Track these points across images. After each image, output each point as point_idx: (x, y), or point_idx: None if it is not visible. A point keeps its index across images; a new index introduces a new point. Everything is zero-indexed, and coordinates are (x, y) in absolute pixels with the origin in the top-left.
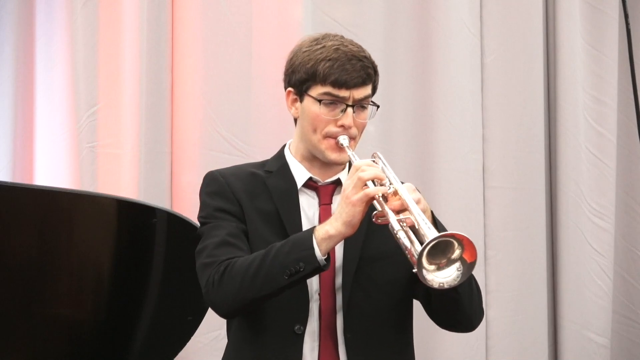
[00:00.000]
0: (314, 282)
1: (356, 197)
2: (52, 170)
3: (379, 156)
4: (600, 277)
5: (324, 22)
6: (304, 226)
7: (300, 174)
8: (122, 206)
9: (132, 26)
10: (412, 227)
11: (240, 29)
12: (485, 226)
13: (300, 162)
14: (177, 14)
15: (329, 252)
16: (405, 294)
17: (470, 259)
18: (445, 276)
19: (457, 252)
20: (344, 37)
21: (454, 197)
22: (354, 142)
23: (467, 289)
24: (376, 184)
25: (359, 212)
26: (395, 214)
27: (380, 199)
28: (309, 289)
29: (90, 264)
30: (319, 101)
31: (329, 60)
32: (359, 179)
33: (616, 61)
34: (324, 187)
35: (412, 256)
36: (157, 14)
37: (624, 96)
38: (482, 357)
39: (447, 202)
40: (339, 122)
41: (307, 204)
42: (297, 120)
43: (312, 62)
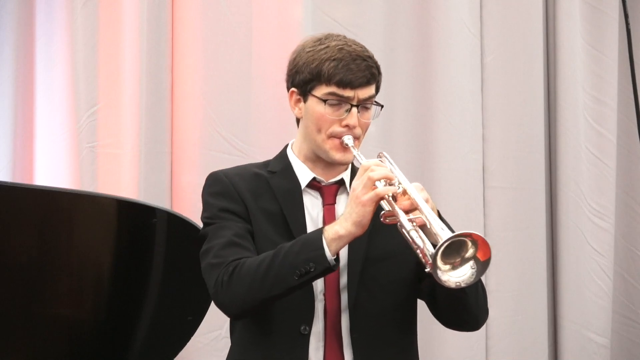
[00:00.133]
0: (318, 283)
1: (366, 197)
2: (52, 170)
3: (385, 156)
4: (600, 277)
5: (324, 22)
6: (308, 226)
7: (303, 174)
8: (122, 206)
9: (132, 26)
10: (421, 227)
11: (240, 29)
12: (485, 226)
13: (303, 162)
14: (177, 14)
15: (338, 253)
16: (409, 294)
17: (483, 257)
18: (459, 275)
19: (470, 251)
20: (347, 37)
21: (454, 197)
22: (358, 142)
23: (473, 289)
24: (385, 184)
25: (369, 212)
26: (405, 213)
27: (389, 198)
28: (314, 289)
29: (90, 264)
30: (323, 101)
31: (334, 60)
32: (369, 179)
33: (616, 61)
34: (327, 187)
35: (425, 256)
36: (157, 14)
37: (624, 96)
38: (482, 357)
39: (447, 202)
40: (344, 122)
41: (311, 204)
42: (299, 120)
43: (316, 62)
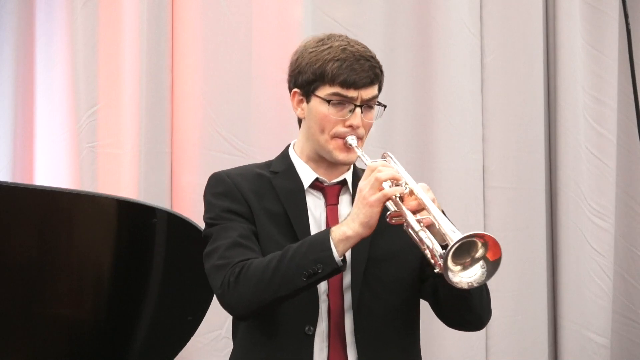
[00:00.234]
0: (322, 283)
1: (374, 197)
2: (52, 170)
3: (389, 156)
4: (600, 277)
5: (324, 22)
6: (311, 227)
7: (306, 174)
8: (122, 206)
9: (132, 26)
10: (428, 227)
11: (240, 29)
12: (485, 226)
13: (306, 162)
14: (177, 14)
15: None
16: (413, 294)
17: (493, 257)
18: (470, 275)
19: (480, 251)
20: (349, 37)
21: (454, 197)
22: (361, 142)
23: (477, 288)
24: (391, 185)
25: (376, 213)
26: (412, 214)
27: (397, 199)
28: (318, 290)
29: (90, 264)
30: (327, 101)
31: (337, 60)
32: (377, 180)
33: (616, 61)
34: (330, 187)
35: (434, 257)
36: (157, 14)
37: (624, 96)
38: (482, 357)
39: (447, 202)
40: (348, 123)
41: (314, 205)
42: (301, 121)
43: (319, 63)
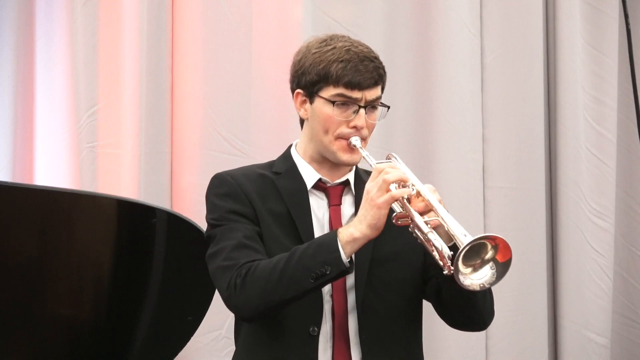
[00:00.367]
0: None
1: (382, 199)
2: (52, 170)
3: (395, 157)
4: (600, 277)
5: (324, 22)
6: (315, 227)
7: (309, 175)
8: (122, 206)
9: (132, 26)
10: (435, 229)
11: (240, 29)
12: (485, 226)
13: (309, 163)
14: (177, 14)
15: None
16: (416, 294)
17: (503, 258)
18: (481, 277)
19: (490, 253)
20: (351, 38)
21: (454, 197)
22: (364, 143)
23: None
24: (398, 186)
25: (384, 214)
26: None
27: (404, 201)
28: (321, 290)
29: (90, 264)
30: (332, 102)
31: (341, 61)
32: (384, 182)
33: (616, 61)
34: (333, 188)
35: (443, 258)
36: (157, 14)
37: (624, 96)
38: (482, 357)
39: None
40: (352, 124)
41: (317, 205)
42: (303, 121)
43: (323, 64)
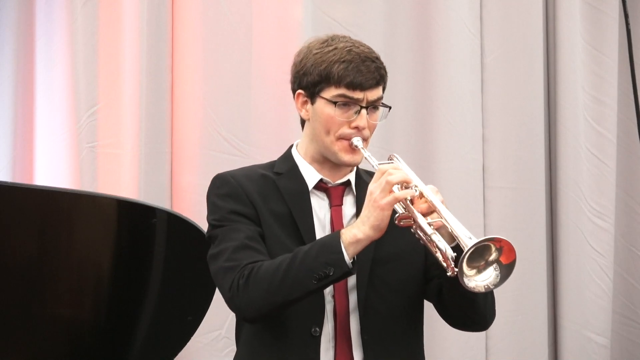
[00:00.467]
0: None
1: (385, 200)
2: (52, 170)
3: (396, 157)
4: (600, 277)
5: (324, 22)
6: (316, 228)
7: (310, 175)
8: (122, 206)
9: (132, 26)
10: (438, 230)
11: (240, 29)
12: (485, 226)
13: (310, 163)
14: (177, 14)
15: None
16: (417, 294)
17: (507, 260)
18: (485, 279)
19: (494, 255)
20: (352, 38)
21: (454, 197)
22: (365, 143)
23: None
24: (401, 187)
25: (387, 215)
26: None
27: (407, 202)
28: (323, 291)
29: (90, 264)
30: (333, 103)
31: (343, 62)
32: (387, 183)
33: (616, 61)
34: (334, 188)
35: (447, 260)
36: (157, 14)
37: (624, 96)
38: (482, 357)
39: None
40: (353, 124)
41: (318, 206)
42: (304, 122)
43: (325, 64)
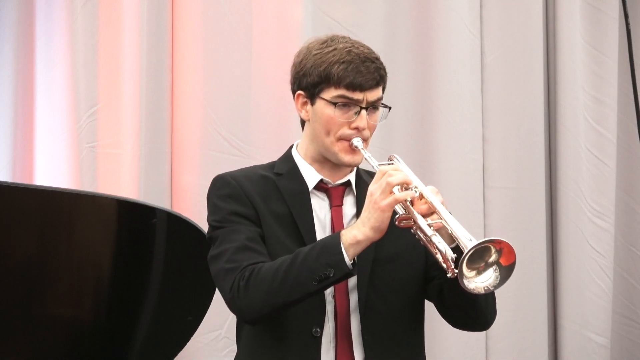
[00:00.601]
0: None
1: (385, 202)
2: (52, 170)
3: (396, 158)
4: (600, 277)
5: (324, 22)
6: (317, 228)
7: (310, 176)
8: (122, 206)
9: (132, 26)
10: (438, 231)
11: (240, 29)
12: (485, 226)
13: (310, 164)
14: (177, 14)
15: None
16: (417, 294)
17: (507, 262)
18: (484, 280)
19: (494, 256)
20: (352, 39)
21: (454, 197)
22: (366, 144)
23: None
24: (401, 188)
25: (387, 217)
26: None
27: (407, 203)
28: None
29: (90, 264)
30: (333, 104)
31: (343, 62)
32: (388, 184)
33: (616, 61)
34: (334, 188)
35: (447, 261)
36: (157, 14)
37: (624, 96)
38: (482, 357)
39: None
40: (353, 125)
41: (319, 206)
42: (305, 122)
43: (324, 65)
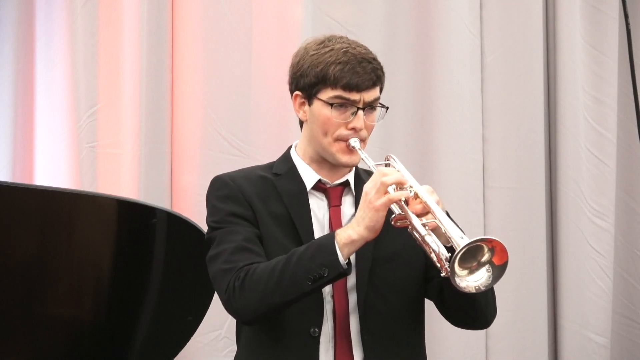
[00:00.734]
0: None
1: (379, 202)
2: (52, 170)
3: (393, 158)
4: (600, 277)
5: (324, 22)
6: (315, 228)
7: (309, 176)
8: (122, 206)
9: (132, 26)
10: (433, 230)
11: (240, 29)
12: (485, 226)
13: (308, 164)
14: (177, 14)
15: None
16: (417, 294)
17: (499, 261)
18: (477, 279)
19: (487, 255)
20: (349, 39)
21: (454, 197)
22: (363, 144)
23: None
24: (396, 188)
25: (382, 217)
26: (417, 217)
27: (402, 202)
28: (322, 291)
29: (90, 264)
30: (330, 104)
31: (339, 63)
32: (382, 184)
33: (616, 61)
34: (332, 188)
35: (440, 260)
36: (157, 14)
37: (624, 96)
38: (482, 357)
39: (447, 202)
40: (350, 125)
41: (317, 206)
42: (303, 123)
43: (321, 66)
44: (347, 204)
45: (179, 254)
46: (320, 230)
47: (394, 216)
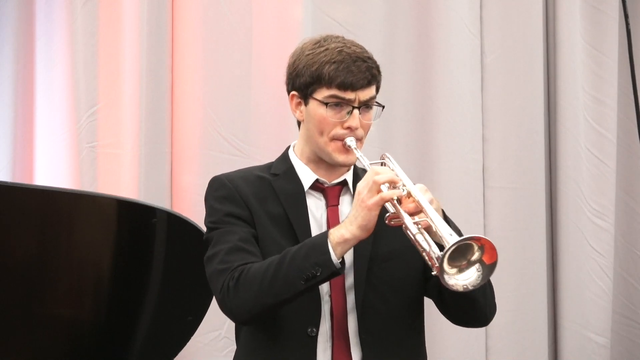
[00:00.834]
0: (324, 284)
1: (372, 201)
2: (52, 170)
3: (388, 157)
4: (600, 277)
5: (324, 22)
6: (312, 228)
7: (306, 176)
8: (122, 206)
9: (132, 26)
10: (426, 229)
11: (240, 29)
12: (485, 226)
13: (306, 164)
14: (177, 14)
15: (343, 256)
16: (416, 293)
17: (489, 260)
18: (466, 278)
19: (477, 254)
20: (345, 38)
21: (454, 197)
22: (360, 143)
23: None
24: (390, 187)
25: (374, 215)
26: (410, 216)
27: (394, 201)
28: (320, 291)
29: (90, 264)
30: (325, 104)
31: (334, 62)
32: (375, 183)
33: (616, 61)
34: (330, 188)
35: (431, 259)
36: (157, 14)
37: (624, 96)
38: (482, 357)
39: (447, 202)
40: (346, 124)
41: (315, 206)
42: (300, 123)
43: (316, 65)
44: (345, 204)
45: (179, 254)
46: (318, 230)
47: (388, 215)
